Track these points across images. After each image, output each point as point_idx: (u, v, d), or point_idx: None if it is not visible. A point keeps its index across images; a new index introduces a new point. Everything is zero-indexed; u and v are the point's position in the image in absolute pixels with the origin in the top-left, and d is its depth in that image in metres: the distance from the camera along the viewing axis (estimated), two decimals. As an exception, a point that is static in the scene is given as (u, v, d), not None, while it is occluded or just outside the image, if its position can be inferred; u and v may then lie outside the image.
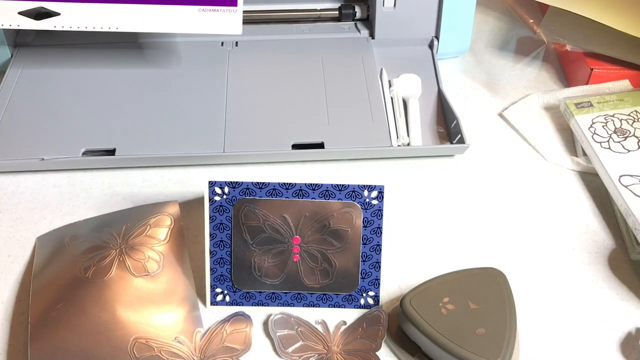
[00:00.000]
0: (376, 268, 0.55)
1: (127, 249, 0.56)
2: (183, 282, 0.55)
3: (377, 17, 0.74)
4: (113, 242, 0.57)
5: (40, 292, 0.54)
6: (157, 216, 0.59)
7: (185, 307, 0.54)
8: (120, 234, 0.57)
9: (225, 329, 0.53)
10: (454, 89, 0.75)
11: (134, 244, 0.56)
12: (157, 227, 0.58)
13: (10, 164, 0.64)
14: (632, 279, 0.57)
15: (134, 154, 0.64)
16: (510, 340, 0.48)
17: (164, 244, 0.57)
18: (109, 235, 0.57)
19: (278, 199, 0.53)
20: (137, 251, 0.56)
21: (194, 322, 0.53)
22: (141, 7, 0.66)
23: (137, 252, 0.56)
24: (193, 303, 0.55)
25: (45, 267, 0.56)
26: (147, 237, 0.57)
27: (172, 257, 0.56)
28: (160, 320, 0.53)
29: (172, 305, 0.54)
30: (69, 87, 0.69)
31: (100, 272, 0.54)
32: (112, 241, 0.57)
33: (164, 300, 0.54)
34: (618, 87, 0.72)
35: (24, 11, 0.65)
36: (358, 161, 0.67)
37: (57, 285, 0.54)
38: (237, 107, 0.68)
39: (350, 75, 0.71)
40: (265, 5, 0.77)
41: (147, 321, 0.52)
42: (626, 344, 0.53)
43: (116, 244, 0.56)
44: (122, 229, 0.58)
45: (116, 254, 0.56)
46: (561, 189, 0.65)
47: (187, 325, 0.53)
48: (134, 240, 0.57)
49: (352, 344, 0.52)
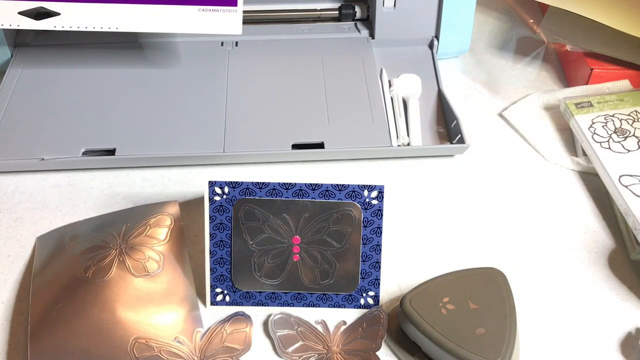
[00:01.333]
0: (376, 268, 0.55)
1: (127, 249, 0.56)
2: (183, 282, 0.55)
3: (377, 17, 0.74)
4: (113, 242, 0.57)
5: (40, 292, 0.54)
6: (157, 216, 0.59)
7: (185, 307, 0.54)
8: (120, 234, 0.57)
9: (225, 329, 0.53)
10: (454, 89, 0.75)
11: (134, 244, 0.56)
12: (157, 227, 0.58)
13: (10, 164, 0.64)
14: (632, 279, 0.57)
15: (134, 154, 0.64)
16: (510, 340, 0.48)
17: (164, 244, 0.57)
18: (109, 235, 0.57)
19: (278, 199, 0.53)
20: (137, 251, 0.56)
21: (194, 322, 0.53)
22: (141, 7, 0.66)
23: (137, 252, 0.56)
24: (193, 303, 0.55)
25: (45, 267, 0.56)
26: (147, 237, 0.57)
27: (172, 257, 0.57)
28: (160, 320, 0.53)
29: (172, 305, 0.54)
30: (69, 87, 0.69)
31: (100, 272, 0.54)
32: (112, 241, 0.57)
33: (164, 300, 0.54)
34: (618, 87, 0.72)
35: (24, 11, 0.65)
36: (358, 161, 0.67)
37: (57, 285, 0.54)
38: (237, 107, 0.68)
39: (350, 75, 0.71)
40: (265, 5, 0.77)
41: (147, 321, 0.52)
42: (626, 344, 0.53)
43: (116, 244, 0.56)
44: (122, 229, 0.58)
45: (116, 254, 0.56)
46: (561, 189, 0.65)
47: (187, 325, 0.53)
48: (134, 240, 0.57)
49: (352, 344, 0.52)
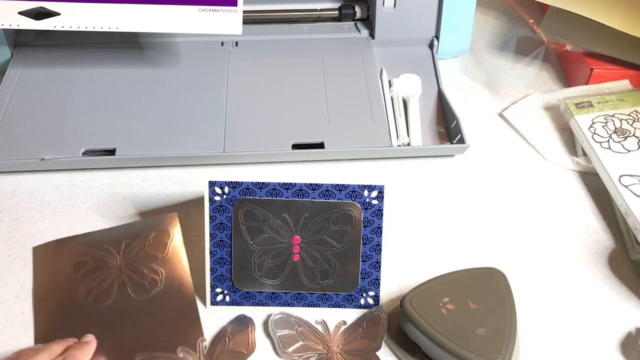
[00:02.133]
0: (376, 268, 0.55)
1: (127, 267, 0.56)
2: (184, 296, 0.55)
3: (377, 17, 0.74)
4: (113, 262, 0.56)
5: (42, 314, 0.54)
6: (156, 232, 0.58)
7: (186, 319, 0.54)
8: (120, 252, 0.57)
9: (227, 335, 0.53)
10: (454, 89, 0.75)
11: (134, 262, 0.56)
12: (156, 242, 0.58)
13: (10, 164, 0.64)
14: (632, 279, 0.57)
15: (134, 154, 0.64)
16: (510, 340, 0.48)
17: (164, 259, 0.57)
18: (108, 253, 0.57)
19: (278, 199, 0.53)
20: (137, 270, 0.56)
21: (196, 332, 0.53)
22: (141, 7, 0.66)
23: (138, 272, 0.56)
24: (195, 314, 0.54)
25: (44, 285, 0.56)
26: (147, 255, 0.57)
27: (173, 272, 0.56)
28: (161, 334, 0.53)
29: (173, 319, 0.54)
30: (69, 87, 0.69)
31: (102, 296, 0.55)
32: (111, 260, 0.57)
33: (165, 315, 0.54)
34: (618, 87, 0.72)
35: (24, 11, 0.65)
36: (358, 161, 0.67)
37: (59, 307, 0.54)
38: (237, 107, 0.68)
39: (350, 75, 0.71)
40: (265, 5, 0.77)
41: (148, 337, 0.52)
42: (626, 344, 0.53)
43: (116, 263, 0.56)
44: (122, 246, 0.57)
45: (116, 274, 0.56)
46: (561, 189, 0.65)
47: (188, 336, 0.53)
48: (134, 258, 0.57)
49: (352, 344, 0.52)
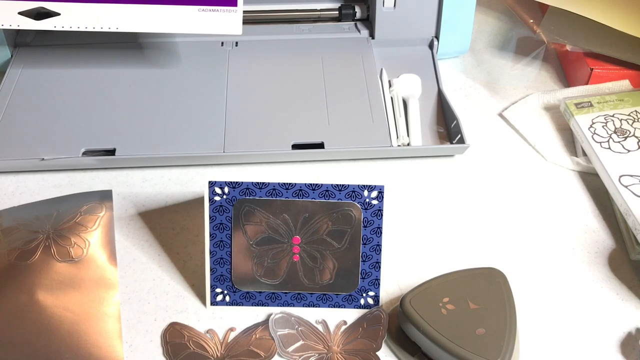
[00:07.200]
0: (376, 268, 0.55)
1: (55, 234, 0.57)
2: (108, 268, 0.56)
3: (377, 17, 0.74)
4: (42, 228, 0.57)
5: None
6: (89, 204, 0.59)
7: (108, 292, 0.55)
8: (51, 220, 0.58)
9: (255, 333, 0.53)
10: (454, 89, 0.75)
11: (62, 230, 0.57)
12: (87, 214, 0.59)
13: (10, 164, 0.64)
14: (632, 279, 0.57)
15: (134, 154, 0.64)
16: (510, 340, 0.48)
17: (92, 231, 0.58)
18: (39, 221, 0.58)
19: (278, 199, 0.53)
20: (63, 237, 0.57)
21: (115, 306, 0.54)
22: (141, 7, 0.66)
23: (64, 238, 0.57)
24: (115, 289, 0.55)
25: None
26: (76, 224, 0.58)
27: (99, 244, 0.57)
28: (80, 304, 0.53)
29: (94, 290, 0.55)
30: (69, 87, 0.69)
31: (25, 255, 0.55)
32: (41, 227, 0.57)
33: (86, 285, 0.55)
34: (618, 87, 0.72)
35: (24, 11, 0.65)
36: (358, 161, 0.67)
37: None
38: (237, 107, 0.68)
39: (350, 75, 0.71)
40: (265, 5, 0.77)
41: (65, 305, 0.53)
42: (626, 344, 0.53)
43: (45, 229, 0.57)
44: (54, 215, 0.58)
45: (43, 238, 0.56)
46: (561, 189, 0.65)
47: (108, 309, 0.54)
48: (63, 227, 0.57)
49: (353, 344, 0.52)
